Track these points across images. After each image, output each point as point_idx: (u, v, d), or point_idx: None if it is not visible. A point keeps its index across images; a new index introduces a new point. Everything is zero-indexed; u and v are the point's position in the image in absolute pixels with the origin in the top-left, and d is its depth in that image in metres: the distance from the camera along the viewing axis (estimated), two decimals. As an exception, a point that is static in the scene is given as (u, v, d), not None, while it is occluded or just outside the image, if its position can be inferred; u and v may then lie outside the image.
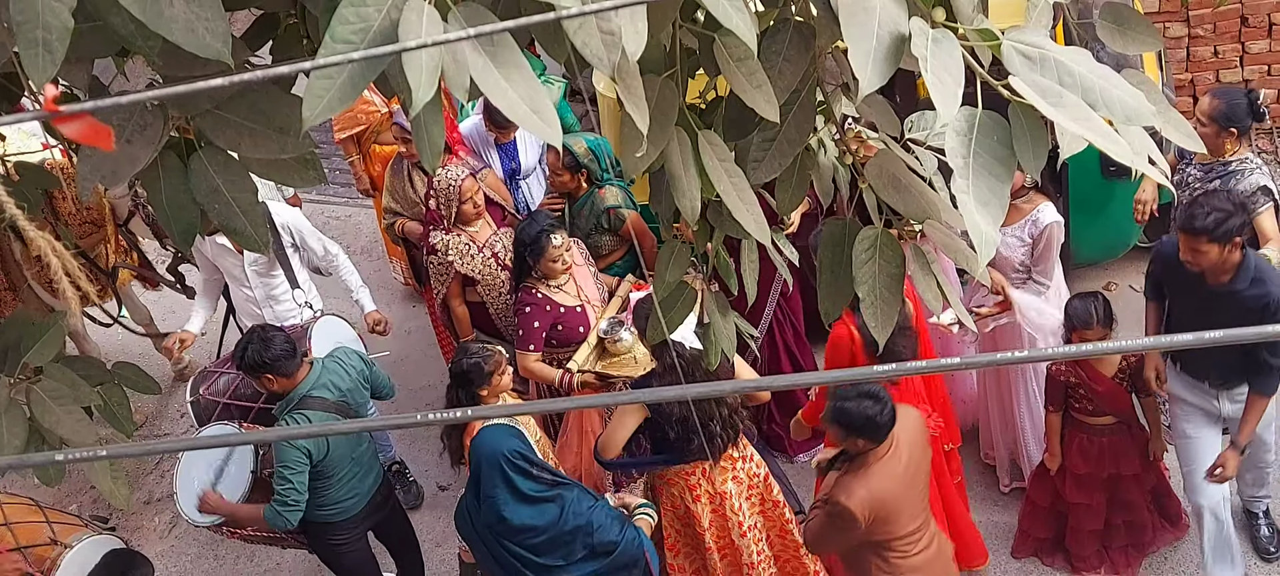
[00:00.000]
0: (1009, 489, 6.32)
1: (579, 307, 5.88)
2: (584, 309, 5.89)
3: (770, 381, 2.42)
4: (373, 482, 5.67)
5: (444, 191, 6.15)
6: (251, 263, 6.40)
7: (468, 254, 6.22)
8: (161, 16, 1.85)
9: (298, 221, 6.53)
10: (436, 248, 6.26)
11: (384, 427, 4.90)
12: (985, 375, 6.20)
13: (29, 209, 3.51)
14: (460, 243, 6.22)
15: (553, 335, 5.86)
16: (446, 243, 6.22)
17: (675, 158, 2.39)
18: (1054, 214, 5.57)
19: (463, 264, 6.22)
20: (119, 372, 3.85)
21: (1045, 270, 5.64)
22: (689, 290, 3.03)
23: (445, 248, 6.22)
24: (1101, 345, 1.59)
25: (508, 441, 4.72)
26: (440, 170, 6.17)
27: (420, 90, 1.67)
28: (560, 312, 5.84)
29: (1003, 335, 5.87)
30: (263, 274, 6.46)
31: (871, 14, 1.91)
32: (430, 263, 6.35)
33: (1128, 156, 1.93)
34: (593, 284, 6.01)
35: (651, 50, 2.21)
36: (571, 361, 5.70)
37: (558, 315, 5.83)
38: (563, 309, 5.85)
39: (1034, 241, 5.60)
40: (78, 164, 2.30)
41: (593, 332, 5.79)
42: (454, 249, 6.21)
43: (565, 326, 5.85)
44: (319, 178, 2.62)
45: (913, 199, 2.59)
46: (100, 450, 1.75)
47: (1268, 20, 8.11)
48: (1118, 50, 2.55)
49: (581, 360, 5.68)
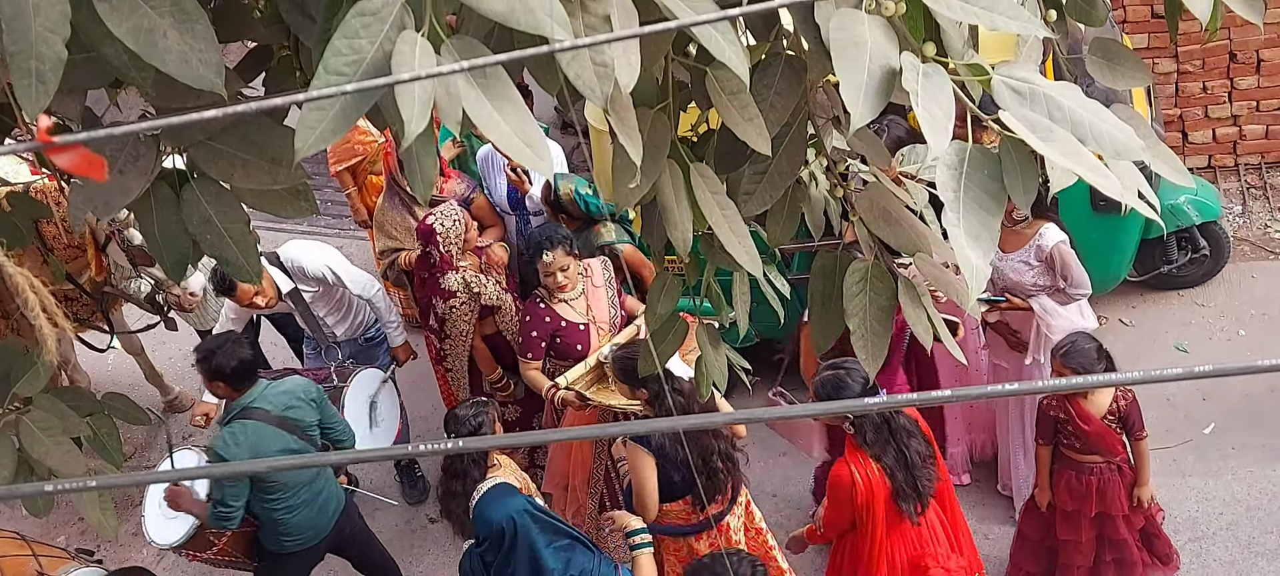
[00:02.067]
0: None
1: (583, 325, 5.89)
2: (588, 327, 5.90)
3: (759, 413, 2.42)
4: (333, 513, 5.72)
5: (451, 230, 6.14)
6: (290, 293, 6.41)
7: (482, 284, 6.23)
8: (155, 48, 1.85)
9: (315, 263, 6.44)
10: (454, 291, 6.22)
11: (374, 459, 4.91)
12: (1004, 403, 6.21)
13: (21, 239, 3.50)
14: (472, 276, 6.22)
15: (551, 347, 5.91)
16: (463, 282, 6.21)
17: (667, 190, 2.39)
18: (1057, 233, 5.64)
19: (484, 295, 6.23)
20: (108, 403, 3.83)
21: (1076, 282, 5.68)
22: (681, 322, 3.03)
23: (464, 285, 6.21)
24: (1091, 378, 1.59)
25: (516, 498, 4.71)
26: (435, 217, 6.18)
27: (413, 122, 1.67)
28: (561, 326, 5.86)
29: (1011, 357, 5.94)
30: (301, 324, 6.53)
31: (862, 48, 1.92)
32: (449, 309, 6.27)
33: (1117, 191, 1.93)
34: (608, 306, 6.00)
35: (644, 83, 2.22)
36: (563, 376, 5.70)
37: (558, 328, 5.86)
38: (564, 323, 5.87)
39: (1045, 264, 5.66)
40: (70, 194, 2.30)
41: (593, 355, 5.79)
42: (473, 283, 6.21)
43: (563, 340, 5.87)
44: (311, 209, 2.62)
45: (903, 232, 2.60)
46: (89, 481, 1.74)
47: (1256, 56, 8.16)
48: (1107, 85, 2.57)
49: (573, 377, 5.67)
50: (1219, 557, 6.00)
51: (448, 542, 6.80)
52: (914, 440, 4.71)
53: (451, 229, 6.14)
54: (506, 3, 1.71)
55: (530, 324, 5.89)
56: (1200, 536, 6.09)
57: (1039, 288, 5.74)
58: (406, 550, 6.87)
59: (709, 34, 1.97)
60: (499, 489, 4.75)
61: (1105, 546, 5.58)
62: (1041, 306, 5.76)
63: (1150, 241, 7.30)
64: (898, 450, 4.67)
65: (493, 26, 1.93)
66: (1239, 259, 7.86)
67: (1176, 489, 6.33)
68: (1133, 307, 7.63)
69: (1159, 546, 5.70)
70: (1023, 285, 5.74)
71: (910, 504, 4.73)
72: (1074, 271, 5.66)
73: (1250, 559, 5.97)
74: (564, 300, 5.89)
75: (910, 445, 4.70)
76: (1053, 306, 5.75)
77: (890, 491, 4.72)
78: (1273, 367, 1.47)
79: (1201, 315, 7.55)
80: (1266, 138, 8.45)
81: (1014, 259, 5.71)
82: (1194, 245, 7.46)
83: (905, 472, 4.68)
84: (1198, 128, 8.47)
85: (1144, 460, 5.44)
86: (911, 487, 4.69)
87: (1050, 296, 5.75)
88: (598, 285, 6.01)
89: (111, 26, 1.82)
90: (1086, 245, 6.83)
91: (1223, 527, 6.12)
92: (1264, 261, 7.90)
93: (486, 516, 4.68)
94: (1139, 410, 5.37)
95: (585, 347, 5.86)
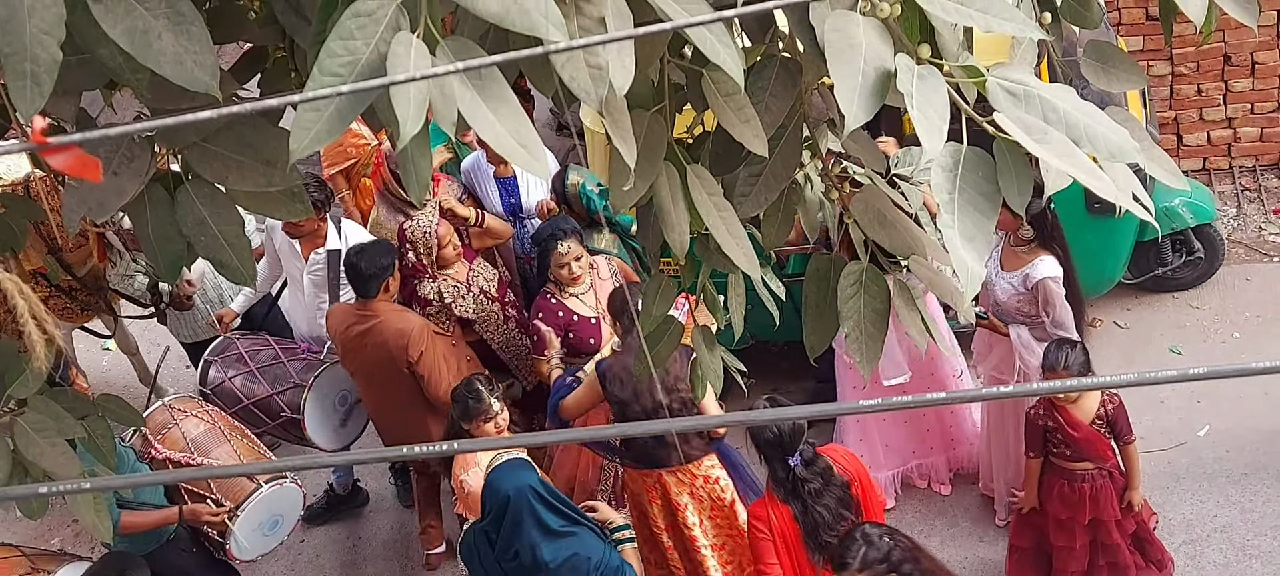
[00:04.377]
0: (1005, 523, 6.31)
1: (594, 319, 5.92)
2: (599, 321, 5.92)
3: (748, 416, 2.42)
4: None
5: (422, 240, 6.13)
6: (310, 270, 6.39)
7: (459, 296, 6.21)
8: (150, 49, 1.85)
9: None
10: (429, 299, 6.21)
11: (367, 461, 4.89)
12: (987, 409, 6.21)
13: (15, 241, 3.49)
14: (449, 287, 6.20)
15: (564, 342, 5.93)
16: (438, 290, 6.19)
17: (664, 192, 2.39)
18: (1050, 268, 5.58)
19: (459, 307, 6.21)
20: (103, 405, 3.82)
21: (1057, 322, 5.60)
22: (676, 323, 3.03)
23: (439, 295, 6.20)
24: (1085, 381, 1.59)
25: (528, 475, 4.57)
26: (412, 222, 6.18)
27: (408, 123, 1.67)
28: (573, 320, 5.89)
29: (1002, 370, 5.91)
30: (318, 287, 6.45)
31: (857, 50, 1.92)
32: (425, 316, 6.27)
33: (1112, 193, 1.94)
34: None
35: (639, 85, 2.22)
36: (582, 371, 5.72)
37: (570, 322, 5.89)
38: (576, 317, 5.90)
39: (1031, 293, 5.63)
40: (65, 196, 2.29)
41: (606, 346, 5.80)
42: (447, 294, 6.20)
43: (576, 335, 5.90)
44: (305, 210, 2.62)
45: (898, 234, 2.60)
46: (84, 482, 1.74)
47: (1250, 59, 8.17)
48: (1102, 88, 2.57)
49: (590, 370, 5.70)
50: (1213, 560, 6.00)
51: (449, 546, 6.79)
52: (822, 502, 4.55)
53: (420, 239, 6.15)
54: (502, 4, 1.71)
55: (542, 320, 5.92)
56: (1194, 539, 6.10)
57: (1022, 315, 5.71)
58: (402, 553, 6.86)
59: (704, 36, 1.97)
60: (513, 463, 4.63)
61: (1099, 551, 5.58)
62: (1019, 338, 5.73)
63: (1145, 244, 7.31)
64: (803, 506, 4.55)
65: (488, 28, 1.93)
66: (1234, 261, 7.87)
67: (1171, 492, 6.34)
68: (1127, 310, 7.64)
69: (1152, 551, 5.70)
70: (1007, 307, 5.72)
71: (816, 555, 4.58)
72: (1056, 310, 5.60)
73: (1245, 561, 5.97)
74: (574, 294, 5.93)
75: (818, 504, 4.55)
76: (1030, 341, 5.70)
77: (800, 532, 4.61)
78: (1267, 370, 1.47)
79: (1196, 318, 7.55)
80: (1261, 140, 8.46)
81: (1007, 278, 5.69)
82: (1189, 248, 7.47)
83: (811, 525, 4.55)
84: (1192, 130, 8.49)
85: (1134, 464, 5.45)
86: (814, 543, 4.55)
87: (1031, 330, 5.71)
88: (604, 278, 6.07)
89: (106, 28, 1.82)
90: (1081, 248, 6.84)
91: (1217, 530, 6.13)
92: (1258, 264, 7.91)
93: (497, 486, 4.55)
94: (1126, 414, 5.38)
95: (598, 340, 5.90)
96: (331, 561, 6.89)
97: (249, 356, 6.31)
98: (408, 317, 5.90)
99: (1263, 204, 8.34)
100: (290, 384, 6.20)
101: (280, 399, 6.14)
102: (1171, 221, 7.20)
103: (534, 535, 4.49)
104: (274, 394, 6.16)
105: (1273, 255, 7.96)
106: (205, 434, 5.69)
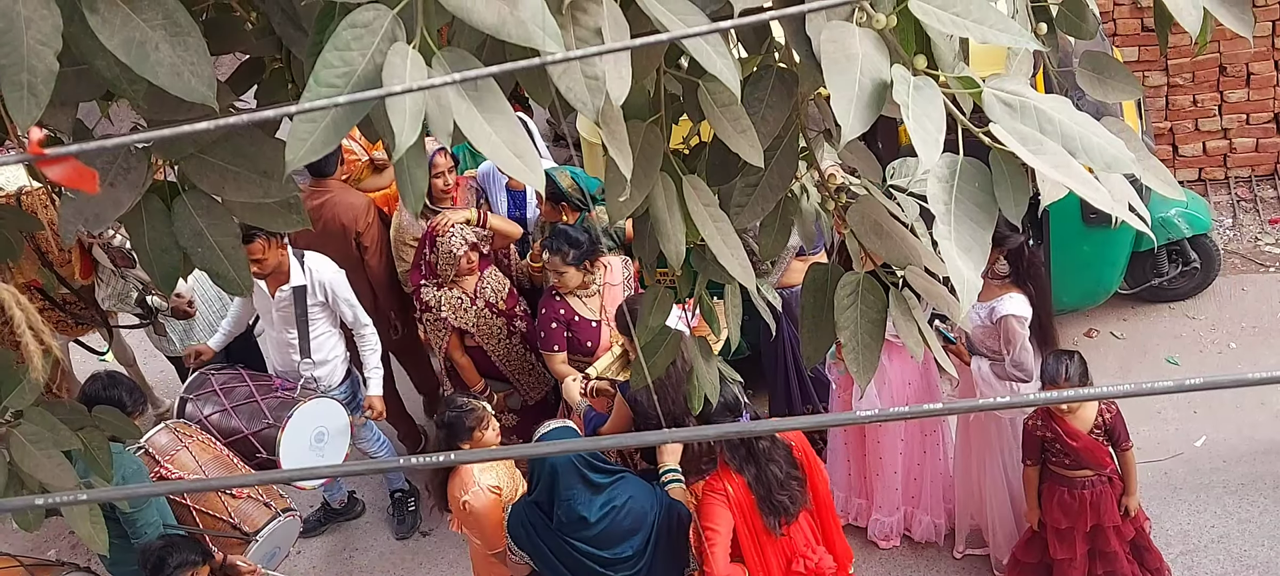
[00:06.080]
0: (962, 555, 6.26)
1: (595, 322, 6.07)
2: (600, 325, 6.06)
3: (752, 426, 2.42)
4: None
5: (445, 255, 6.16)
6: (277, 307, 6.26)
7: (461, 308, 6.24)
8: (147, 60, 1.85)
9: (335, 281, 6.26)
10: (429, 305, 6.28)
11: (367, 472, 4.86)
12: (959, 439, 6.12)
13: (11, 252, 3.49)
14: (453, 297, 6.24)
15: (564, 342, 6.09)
16: (438, 298, 6.25)
17: (660, 202, 2.40)
18: (1013, 306, 5.44)
19: (457, 319, 6.25)
20: (99, 417, 3.82)
21: (1016, 362, 5.50)
22: (673, 334, 3.03)
23: (438, 303, 6.25)
24: (1084, 392, 1.59)
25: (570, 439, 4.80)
26: (443, 237, 6.17)
27: (404, 134, 1.67)
28: (574, 320, 6.06)
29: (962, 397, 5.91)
30: (288, 322, 6.29)
31: (853, 61, 1.92)
32: (424, 320, 6.34)
33: (1108, 203, 1.94)
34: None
35: (636, 95, 2.22)
36: (592, 368, 5.84)
37: (571, 321, 6.05)
38: (578, 318, 6.07)
39: (995, 326, 5.53)
40: (61, 207, 2.29)
41: (616, 345, 5.93)
42: (447, 304, 6.23)
43: (575, 335, 6.07)
44: (302, 222, 2.61)
45: (894, 245, 2.60)
46: (80, 493, 1.74)
47: (1246, 70, 8.19)
48: (1097, 98, 2.57)
49: (602, 367, 5.85)
50: (1210, 570, 6.00)
51: (446, 558, 6.79)
52: (774, 461, 4.85)
53: (443, 254, 6.16)
54: (498, 15, 1.71)
55: (546, 316, 6.08)
56: (1191, 548, 6.10)
57: (985, 347, 5.65)
58: (399, 565, 6.86)
59: (700, 47, 1.98)
60: (558, 431, 4.89)
61: (1097, 559, 5.58)
62: (979, 371, 5.66)
63: (1141, 254, 7.32)
64: (757, 469, 4.83)
65: (484, 39, 1.93)
66: (1230, 272, 7.89)
67: (1167, 502, 6.34)
68: (1123, 320, 7.64)
69: (1150, 559, 5.71)
70: (974, 337, 5.66)
71: (773, 518, 4.86)
72: (1015, 349, 5.47)
73: (1242, 571, 5.97)
74: (578, 296, 6.07)
75: (770, 463, 4.84)
76: (990, 376, 5.63)
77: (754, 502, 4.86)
78: (1264, 380, 1.47)
79: (1192, 328, 7.56)
80: (1257, 150, 8.48)
81: (976, 309, 5.54)
82: (1185, 258, 7.48)
83: (764, 489, 4.82)
84: (1188, 141, 8.50)
85: (1131, 471, 5.45)
86: (767, 503, 4.84)
87: (991, 365, 5.63)
88: (614, 282, 6.17)
89: (103, 39, 1.82)
90: (1078, 258, 6.85)
91: (1214, 541, 6.13)
92: (1255, 274, 7.92)
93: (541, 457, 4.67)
94: (1123, 422, 5.38)
95: (596, 344, 6.05)
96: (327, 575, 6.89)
97: (224, 393, 6.21)
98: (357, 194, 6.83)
99: (1258, 214, 8.36)
100: (266, 423, 6.08)
101: (256, 438, 6.05)
102: (1168, 232, 7.21)
103: (580, 494, 4.67)
104: (249, 434, 6.06)
105: (1269, 265, 7.97)
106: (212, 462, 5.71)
